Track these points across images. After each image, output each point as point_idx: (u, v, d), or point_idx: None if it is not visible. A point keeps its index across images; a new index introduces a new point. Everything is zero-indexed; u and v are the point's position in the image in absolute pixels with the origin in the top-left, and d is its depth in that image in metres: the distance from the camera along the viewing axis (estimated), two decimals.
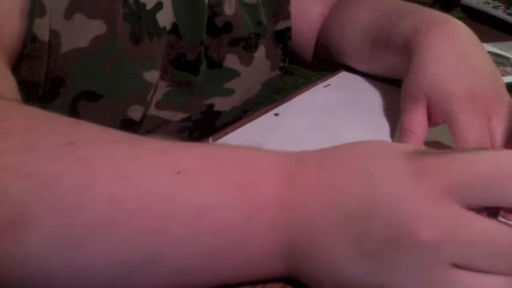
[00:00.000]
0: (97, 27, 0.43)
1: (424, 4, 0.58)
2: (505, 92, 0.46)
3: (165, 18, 0.49)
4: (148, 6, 0.47)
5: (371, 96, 0.56)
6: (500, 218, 0.25)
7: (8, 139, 0.27)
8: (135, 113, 0.49)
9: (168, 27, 0.49)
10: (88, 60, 0.43)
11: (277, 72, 0.63)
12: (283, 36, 0.62)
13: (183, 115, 0.55)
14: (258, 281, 0.29)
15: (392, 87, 0.56)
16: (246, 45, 0.57)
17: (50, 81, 0.42)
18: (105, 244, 0.26)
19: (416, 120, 0.46)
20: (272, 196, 0.28)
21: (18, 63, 0.39)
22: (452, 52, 0.47)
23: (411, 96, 0.47)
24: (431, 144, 0.46)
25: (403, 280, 0.25)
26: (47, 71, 0.41)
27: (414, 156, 0.27)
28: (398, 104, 0.49)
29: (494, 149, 0.43)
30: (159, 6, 0.48)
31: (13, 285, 0.26)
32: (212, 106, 0.57)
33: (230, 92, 0.58)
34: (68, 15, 0.41)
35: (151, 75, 0.48)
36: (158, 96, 0.51)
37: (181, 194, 0.27)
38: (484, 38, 0.52)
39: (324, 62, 0.66)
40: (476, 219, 0.25)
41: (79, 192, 0.26)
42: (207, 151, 0.30)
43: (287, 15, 0.62)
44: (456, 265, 0.25)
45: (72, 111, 0.45)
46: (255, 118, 0.50)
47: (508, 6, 0.89)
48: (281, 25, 0.62)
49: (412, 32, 0.50)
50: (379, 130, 0.50)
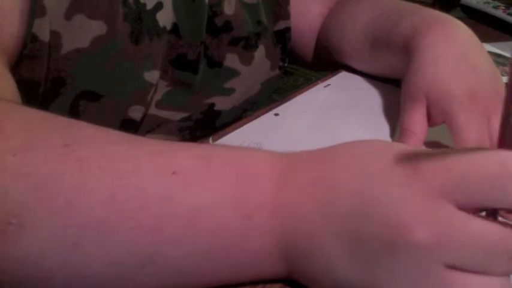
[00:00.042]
0: (97, 28, 0.43)
1: (424, 4, 0.58)
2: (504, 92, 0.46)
3: (165, 18, 0.49)
4: (149, 6, 0.47)
5: (371, 96, 0.56)
6: (499, 218, 0.25)
7: (7, 139, 0.27)
8: (136, 112, 0.49)
9: (168, 27, 0.49)
10: (88, 60, 0.43)
11: (277, 71, 0.63)
12: (283, 36, 0.62)
13: (184, 115, 0.55)
14: (257, 281, 0.29)
15: (392, 87, 0.56)
16: (246, 45, 0.57)
17: (50, 82, 0.42)
18: (104, 244, 0.26)
19: (416, 120, 0.46)
20: (271, 196, 0.28)
21: (19, 64, 0.39)
22: (452, 52, 0.47)
23: (411, 96, 0.47)
24: (431, 144, 0.46)
25: (399, 280, 0.25)
26: (47, 71, 0.41)
27: (411, 157, 0.27)
28: (398, 104, 0.49)
29: (493, 148, 0.43)
30: (159, 6, 0.48)
31: (13, 285, 0.26)
32: (213, 105, 0.57)
33: (230, 91, 0.58)
34: (68, 16, 0.41)
35: (151, 75, 0.48)
36: (158, 96, 0.51)
37: (180, 194, 0.27)
38: (484, 38, 0.52)
39: (324, 62, 0.66)
40: (470, 220, 0.24)
41: (78, 192, 0.26)
42: (206, 152, 0.30)
43: (287, 16, 0.62)
44: (451, 266, 0.25)
45: (73, 111, 0.45)
46: (255, 118, 0.50)
47: (508, 6, 0.88)
48: (281, 25, 0.62)
49: (412, 32, 0.50)
50: (379, 130, 0.50)
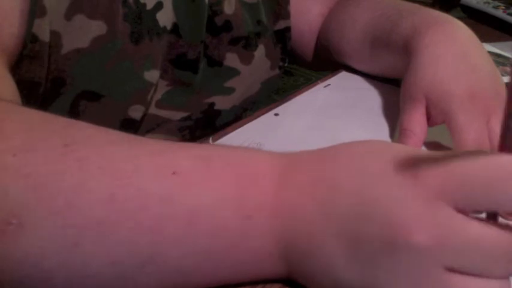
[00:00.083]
0: (97, 28, 0.43)
1: (424, 4, 0.58)
2: (504, 92, 0.46)
3: (165, 18, 0.49)
4: (149, 6, 0.47)
5: (371, 96, 0.56)
6: (500, 219, 0.25)
7: (7, 139, 0.27)
8: (136, 112, 0.49)
9: (168, 27, 0.49)
10: (88, 60, 0.43)
11: (277, 71, 0.63)
12: (283, 36, 0.62)
13: (184, 114, 0.55)
14: (257, 281, 0.29)
15: (392, 87, 0.56)
16: (246, 44, 0.57)
17: (50, 82, 0.42)
18: (103, 244, 0.26)
19: (416, 120, 0.46)
20: (271, 196, 0.28)
21: (19, 64, 0.39)
22: (452, 52, 0.47)
23: (410, 96, 0.47)
24: (431, 144, 0.46)
25: (399, 281, 0.25)
26: (47, 71, 0.41)
27: (411, 159, 0.27)
28: (398, 104, 0.49)
29: (493, 148, 0.43)
30: (159, 6, 0.48)
31: (13, 285, 0.26)
32: (213, 105, 0.57)
33: (230, 90, 0.58)
34: (68, 16, 0.41)
35: (151, 75, 0.48)
36: (158, 95, 0.52)
37: (180, 194, 0.27)
38: (484, 38, 0.52)
39: (324, 62, 0.66)
40: (469, 223, 0.24)
41: (78, 192, 0.26)
42: (206, 152, 0.30)
43: (287, 15, 0.62)
44: (450, 268, 0.25)
45: (73, 111, 0.45)
46: (255, 118, 0.50)
47: (508, 6, 0.88)
48: (280, 25, 0.62)
49: (411, 32, 0.50)
50: (379, 130, 0.50)
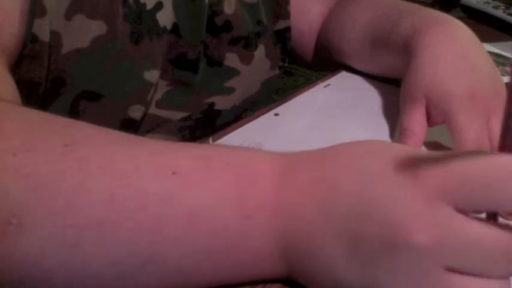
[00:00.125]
0: (97, 28, 0.43)
1: (424, 4, 0.58)
2: (504, 92, 0.46)
3: (165, 18, 0.49)
4: (149, 6, 0.47)
5: (371, 96, 0.56)
6: (500, 219, 0.25)
7: (7, 139, 0.27)
8: (136, 112, 0.49)
9: (168, 27, 0.49)
10: (88, 60, 0.43)
11: (277, 71, 0.63)
12: (283, 36, 0.62)
13: (184, 114, 0.55)
14: (257, 281, 0.29)
15: (392, 87, 0.56)
16: (246, 44, 0.57)
17: (50, 82, 0.42)
18: (103, 244, 0.26)
19: (416, 120, 0.46)
20: (271, 196, 0.28)
21: (19, 64, 0.39)
22: (452, 52, 0.47)
23: (410, 96, 0.47)
24: (431, 144, 0.46)
25: (399, 281, 0.25)
26: (47, 71, 0.41)
27: (411, 159, 0.27)
28: (398, 104, 0.49)
29: (493, 148, 0.43)
30: (159, 6, 0.48)
31: (13, 285, 0.26)
32: (213, 105, 0.57)
33: (230, 90, 0.58)
34: (68, 16, 0.41)
35: (151, 75, 0.48)
36: (158, 95, 0.52)
37: (180, 194, 0.27)
38: (484, 38, 0.52)
39: (324, 62, 0.66)
40: (469, 223, 0.24)
41: (78, 192, 0.26)
42: (206, 152, 0.30)
43: (287, 15, 0.62)
44: (450, 268, 0.25)
45: (73, 111, 0.45)
46: (255, 118, 0.50)
47: (508, 6, 0.88)
48: (280, 25, 0.62)
49: (411, 32, 0.50)
50: (379, 130, 0.50)
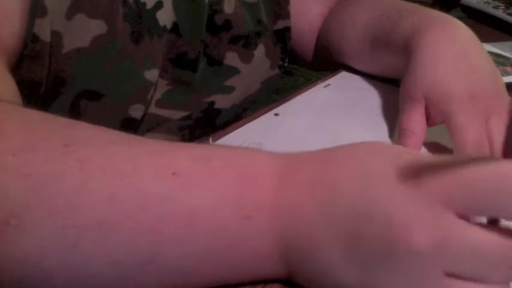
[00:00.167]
0: (97, 27, 0.43)
1: (424, 4, 0.58)
2: (504, 92, 0.46)
3: (166, 17, 0.49)
4: (149, 6, 0.47)
5: (371, 96, 0.56)
6: (501, 223, 0.25)
7: (8, 139, 0.27)
8: (136, 111, 0.49)
9: (168, 26, 0.49)
10: (89, 60, 0.43)
11: (277, 71, 0.63)
12: (283, 36, 0.62)
13: (184, 113, 0.55)
14: (257, 281, 0.29)
15: (392, 87, 0.56)
16: (246, 43, 0.57)
17: (51, 81, 0.42)
18: (103, 244, 0.26)
19: (415, 120, 0.46)
20: (271, 196, 0.28)
21: (19, 64, 0.39)
22: (452, 52, 0.47)
23: (410, 96, 0.47)
24: (430, 144, 0.46)
25: (399, 282, 0.25)
26: (48, 71, 0.41)
27: (413, 163, 0.27)
28: (398, 104, 0.49)
29: (492, 148, 0.43)
30: (159, 6, 0.48)
31: (13, 285, 0.26)
32: (213, 104, 0.57)
33: (230, 89, 0.58)
34: (69, 16, 0.41)
35: (151, 74, 0.48)
36: (158, 94, 0.52)
37: (179, 194, 0.27)
38: (484, 38, 0.52)
39: (324, 62, 0.66)
40: (469, 229, 0.24)
41: (78, 192, 0.26)
42: (205, 152, 0.30)
43: (286, 15, 0.62)
44: (450, 274, 0.25)
45: (73, 110, 0.45)
46: (255, 118, 0.50)
47: (508, 6, 0.88)
48: (280, 25, 0.62)
49: (411, 32, 0.50)
50: (378, 130, 0.50)
